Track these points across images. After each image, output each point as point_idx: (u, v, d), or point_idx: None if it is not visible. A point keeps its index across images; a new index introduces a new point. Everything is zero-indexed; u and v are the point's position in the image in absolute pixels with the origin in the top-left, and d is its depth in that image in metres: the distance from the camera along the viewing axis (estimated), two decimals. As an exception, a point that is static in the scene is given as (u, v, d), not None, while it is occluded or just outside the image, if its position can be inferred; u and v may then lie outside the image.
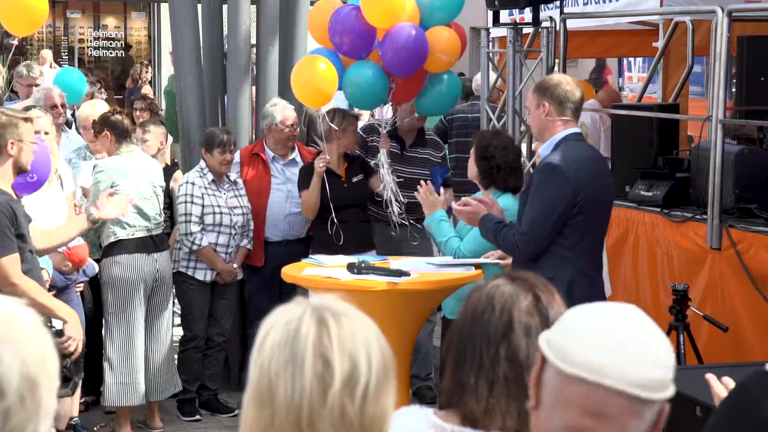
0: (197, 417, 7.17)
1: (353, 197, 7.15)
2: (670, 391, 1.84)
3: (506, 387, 2.22)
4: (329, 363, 1.70)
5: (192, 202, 7.09)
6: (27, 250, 4.99)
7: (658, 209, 6.70)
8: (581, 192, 4.91)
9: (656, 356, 1.83)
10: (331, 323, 1.73)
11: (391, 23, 6.82)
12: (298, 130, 7.69)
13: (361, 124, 8.00)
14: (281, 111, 7.51)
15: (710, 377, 2.73)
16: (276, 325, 1.75)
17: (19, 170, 5.13)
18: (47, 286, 5.91)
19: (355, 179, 7.18)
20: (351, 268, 5.65)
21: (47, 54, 18.65)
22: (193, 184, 7.14)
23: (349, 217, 7.08)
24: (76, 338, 4.86)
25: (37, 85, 8.82)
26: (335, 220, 6.97)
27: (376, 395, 1.72)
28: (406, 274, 5.57)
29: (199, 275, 7.17)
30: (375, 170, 7.30)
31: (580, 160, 4.97)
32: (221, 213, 7.15)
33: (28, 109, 6.62)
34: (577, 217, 4.94)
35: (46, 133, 6.41)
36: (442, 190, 6.07)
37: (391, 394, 1.76)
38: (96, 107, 7.67)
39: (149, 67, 9.80)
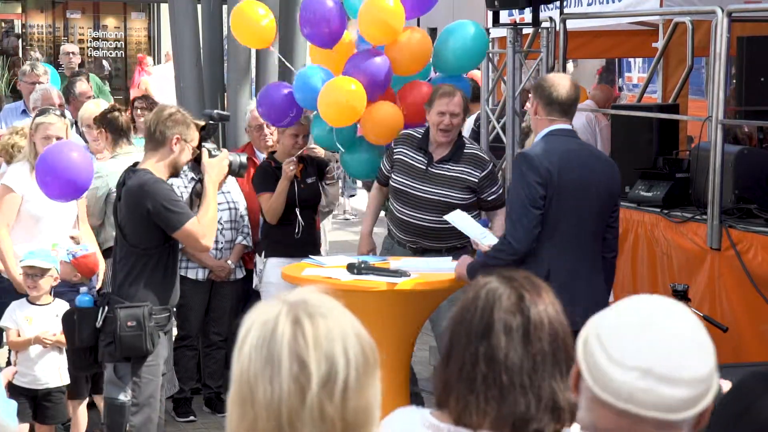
0: (191, 418, 7.17)
1: (308, 199, 7.05)
2: (703, 404, 1.81)
3: (484, 386, 2.22)
4: (305, 365, 1.70)
5: None
6: None
7: (658, 209, 6.70)
8: (551, 179, 4.98)
9: (690, 373, 1.80)
10: (305, 323, 1.73)
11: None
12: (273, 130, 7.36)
13: None
14: (249, 112, 7.52)
15: (724, 383, 2.74)
16: (254, 326, 1.75)
17: (174, 172, 5.07)
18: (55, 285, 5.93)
19: (309, 180, 7.08)
20: (351, 268, 5.65)
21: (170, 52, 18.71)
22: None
23: (306, 219, 7.01)
24: None
25: (41, 83, 8.77)
26: (301, 221, 6.89)
27: (358, 389, 1.72)
28: (405, 274, 5.57)
29: (191, 274, 7.16)
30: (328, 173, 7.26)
31: (559, 151, 5.05)
32: None
33: (42, 112, 6.51)
34: (550, 205, 5.01)
35: (59, 138, 6.22)
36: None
37: (375, 385, 1.76)
38: (99, 106, 7.65)
39: None
